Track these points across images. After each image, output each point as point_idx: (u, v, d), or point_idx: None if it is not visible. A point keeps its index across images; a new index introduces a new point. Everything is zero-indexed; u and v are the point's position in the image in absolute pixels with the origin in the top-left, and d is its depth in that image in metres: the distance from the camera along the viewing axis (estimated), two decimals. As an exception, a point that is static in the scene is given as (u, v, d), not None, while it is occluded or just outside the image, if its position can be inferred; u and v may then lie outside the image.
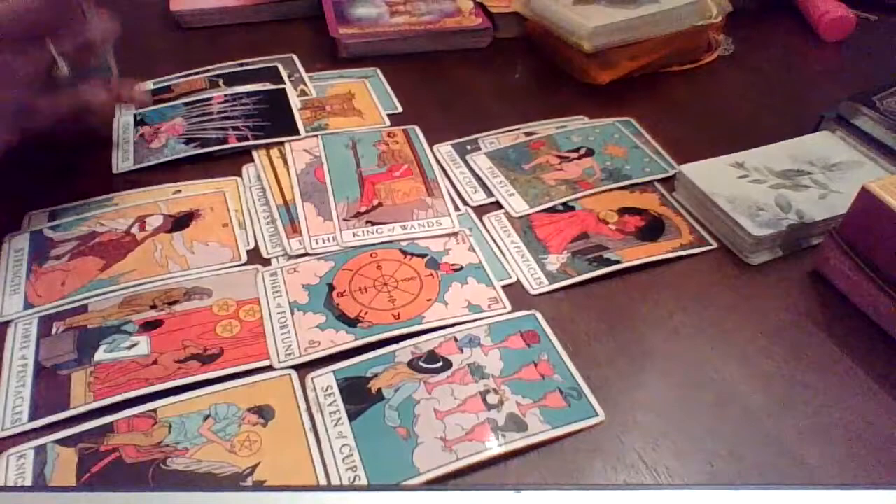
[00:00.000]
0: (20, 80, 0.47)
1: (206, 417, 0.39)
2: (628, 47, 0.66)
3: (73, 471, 0.37)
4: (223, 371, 0.42)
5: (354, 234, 0.51)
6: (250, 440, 0.38)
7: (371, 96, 0.66)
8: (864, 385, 0.43)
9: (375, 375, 0.42)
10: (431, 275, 0.48)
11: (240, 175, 0.57)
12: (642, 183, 0.57)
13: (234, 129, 0.60)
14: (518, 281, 0.49)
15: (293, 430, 0.39)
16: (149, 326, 0.44)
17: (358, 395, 0.41)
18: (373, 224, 0.52)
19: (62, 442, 0.38)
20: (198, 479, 0.36)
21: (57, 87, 0.49)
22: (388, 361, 0.43)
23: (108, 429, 0.39)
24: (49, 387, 0.41)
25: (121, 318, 0.45)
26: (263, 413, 0.40)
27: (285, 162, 0.57)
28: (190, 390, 0.41)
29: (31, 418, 0.39)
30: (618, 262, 0.50)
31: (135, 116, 0.61)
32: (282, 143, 0.59)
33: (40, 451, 0.38)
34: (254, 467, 0.37)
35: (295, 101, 0.64)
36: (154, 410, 0.40)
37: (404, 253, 0.50)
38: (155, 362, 0.42)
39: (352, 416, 0.40)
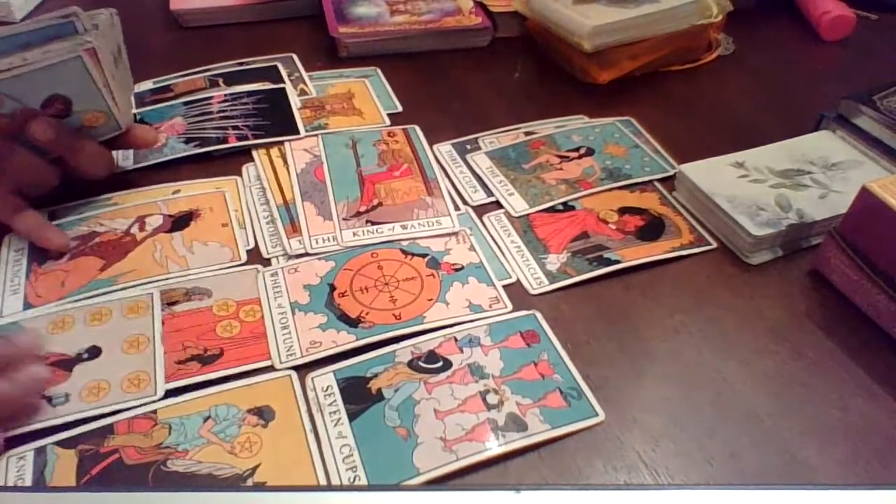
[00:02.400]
0: None
1: (207, 419, 0.39)
2: (628, 46, 0.66)
3: (73, 472, 0.37)
4: (224, 372, 0.42)
5: (354, 234, 0.51)
6: (251, 441, 0.38)
7: (371, 96, 0.66)
8: (864, 385, 0.43)
9: (375, 375, 0.42)
10: (432, 274, 0.48)
11: (239, 175, 0.57)
12: (642, 182, 0.57)
13: (234, 128, 0.60)
14: (518, 281, 0.49)
15: (294, 431, 0.39)
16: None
17: (358, 395, 0.41)
18: (373, 224, 0.52)
19: (62, 444, 0.38)
20: (198, 481, 0.36)
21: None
22: (388, 361, 0.43)
23: (108, 430, 0.39)
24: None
25: (121, 319, 0.45)
26: (264, 414, 0.40)
27: (285, 161, 0.57)
28: (190, 391, 0.41)
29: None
30: (618, 261, 0.50)
31: (134, 116, 0.61)
32: (282, 142, 0.59)
33: (40, 452, 0.38)
34: (254, 469, 0.37)
35: (295, 101, 0.64)
36: (154, 412, 0.40)
37: (405, 253, 0.50)
38: (155, 363, 0.42)
39: (352, 417, 0.40)
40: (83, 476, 0.37)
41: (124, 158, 0.57)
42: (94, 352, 0.43)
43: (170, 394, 0.41)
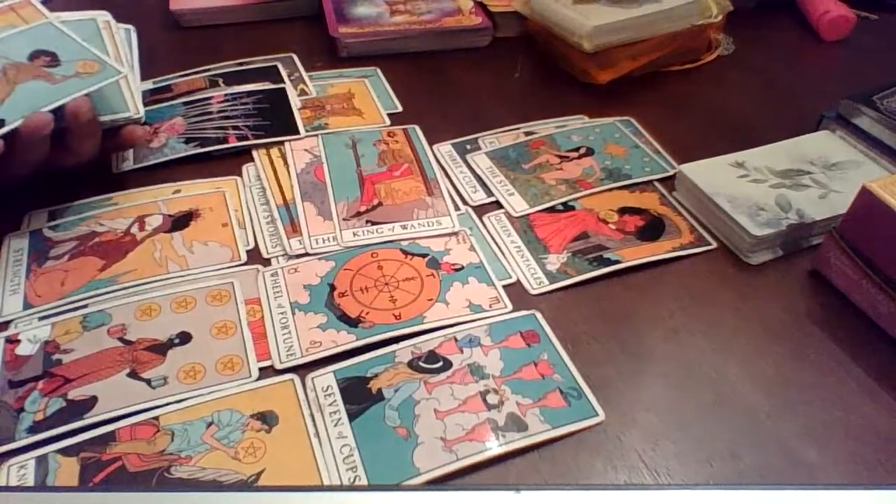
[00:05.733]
0: None
1: (210, 424, 0.39)
2: (628, 47, 0.66)
3: (76, 481, 0.36)
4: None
5: (354, 234, 0.51)
6: (254, 447, 0.38)
7: (371, 96, 0.66)
8: (864, 385, 0.43)
9: (375, 375, 0.42)
10: (432, 274, 0.48)
11: (239, 175, 0.57)
12: (642, 182, 0.57)
13: (234, 128, 0.60)
14: (518, 281, 0.49)
15: (297, 436, 0.39)
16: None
17: (358, 396, 0.41)
18: (373, 224, 0.52)
19: (64, 451, 0.38)
20: (203, 488, 0.36)
21: None
22: (388, 361, 0.43)
23: (110, 437, 0.38)
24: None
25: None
26: (267, 419, 0.39)
27: (285, 161, 0.57)
28: (192, 396, 0.41)
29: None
30: (618, 261, 0.50)
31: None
32: (282, 142, 0.59)
33: (41, 461, 0.37)
34: (258, 474, 0.37)
35: (295, 101, 0.64)
36: (156, 418, 0.39)
37: (405, 253, 0.50)
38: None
39: (352, 417, 0.40)
40: (86, 484, 0.36)
41: (124, 159, 0.57)
42: (185, 337, 0.44)
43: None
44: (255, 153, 0.58)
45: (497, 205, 0.55)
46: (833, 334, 0.46)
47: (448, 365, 0.42)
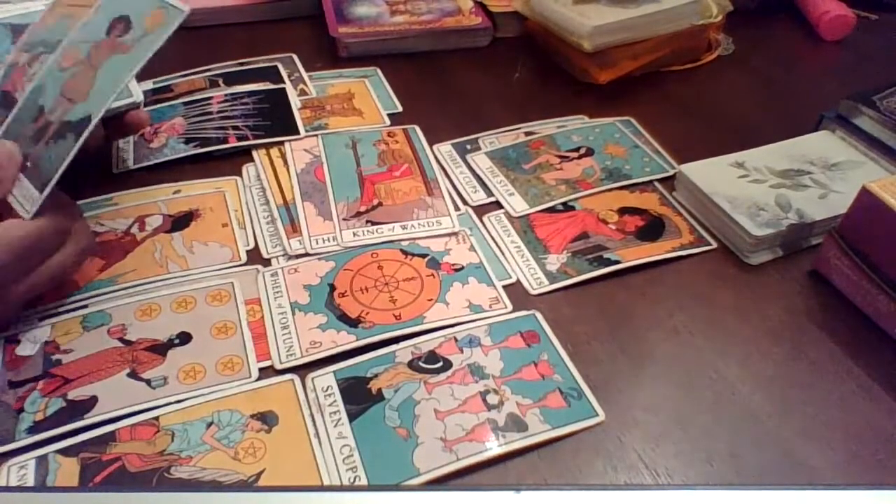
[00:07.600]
0: None
1: (210, 424, 0.39)
2: (628, 47, 0.66)
3: (76, 481, 0.36)
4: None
5: (354, 234, 0.51)
6: (254, 447, 0.38)
7: (371, 96, 0.66)
8: (865, 385, 0.43)
9: (375, 376, 0.42)
10: (432, 275, 0.48)
11: (240, 175, 0.57)
12: (642, 183, 0.57)
13: (234, 128, 0.60)
14: (518, 281, 0.49)
15: (297, 436, 0.39)
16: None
17: (358, 396, 0.41)
18: (373, 224, 0.52)
19: (64, 452, 0.38)
20: (203, 488, 0.36)
21: None
22: (389, 362, 0.43)
23: (110, 437, 0.38)
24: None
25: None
26: (267, 419, 0.39)
27: (285, 162, 0.57)
28: (192, 397, 0.41)
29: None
30: (618, 261, 0.50)
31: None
32: (282, 142, 0.59)
33: (41, 461, 0.37)
34: (259, 474, 0.37)
35: (295, 101, 0.64)
36: (156, 418, 0.39)
37: (405, 253, 0.50)
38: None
39: (352, 417, 0.40)
40: (86, 485, 0.36)
41: (124, 159, 0.57)
42: (185, 337, 0.44)
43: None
44: (255, 153, 0.58)
45: (497, 205, 0.55)
46: (833, 334, 0.46)
47: (448, 365, 0.42)
